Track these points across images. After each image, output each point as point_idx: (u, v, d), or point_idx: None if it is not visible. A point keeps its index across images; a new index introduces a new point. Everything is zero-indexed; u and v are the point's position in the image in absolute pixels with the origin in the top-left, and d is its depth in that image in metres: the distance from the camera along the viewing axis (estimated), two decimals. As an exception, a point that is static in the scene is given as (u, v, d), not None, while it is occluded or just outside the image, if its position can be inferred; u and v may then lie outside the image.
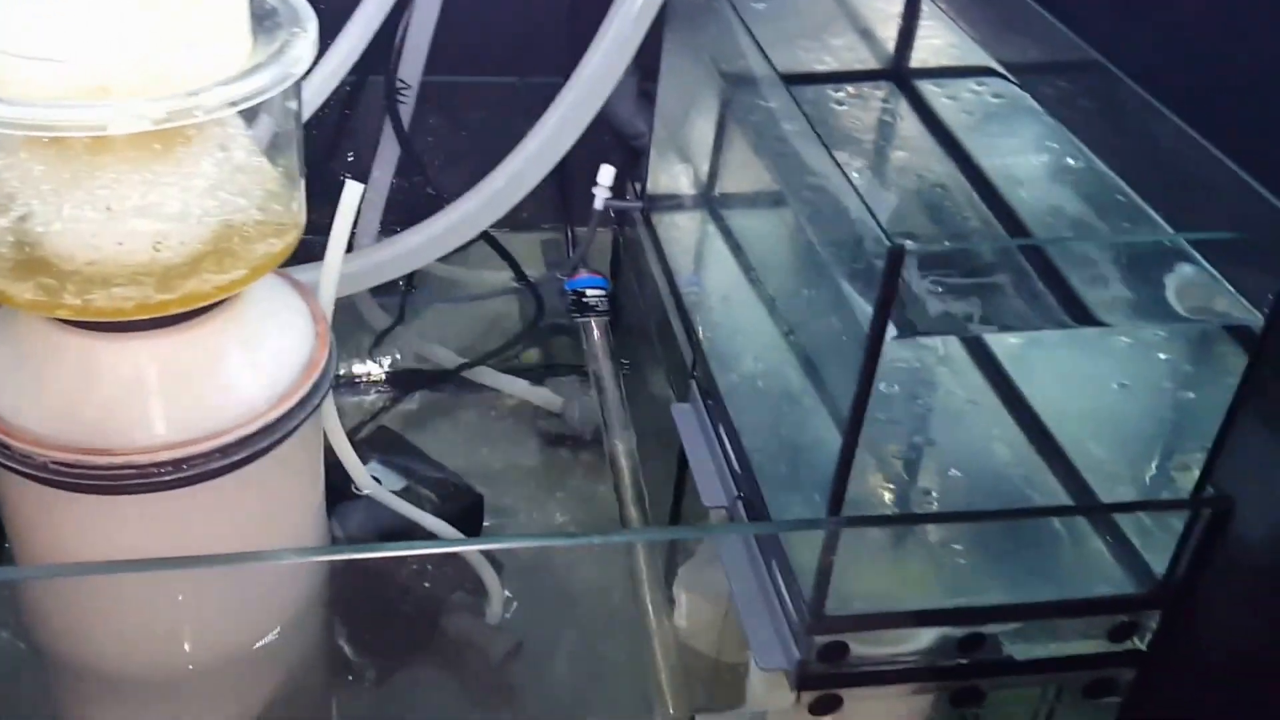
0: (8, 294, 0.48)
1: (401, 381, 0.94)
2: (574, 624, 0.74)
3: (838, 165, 0.46)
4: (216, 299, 0.51)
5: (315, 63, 0.61)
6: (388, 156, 0.84)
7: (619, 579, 0.76)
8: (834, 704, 0.57)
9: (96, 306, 0.48)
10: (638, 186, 0.87)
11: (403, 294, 0.94)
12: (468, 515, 0.81)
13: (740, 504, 0.63)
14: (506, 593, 0.75)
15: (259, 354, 0.55)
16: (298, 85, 0.50)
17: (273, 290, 0.58)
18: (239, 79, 0.46)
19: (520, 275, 0.94)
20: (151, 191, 0.48)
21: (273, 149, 0.52)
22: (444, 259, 0.82)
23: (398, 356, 0.95)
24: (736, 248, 0.67)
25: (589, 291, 0.90)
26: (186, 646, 0.59)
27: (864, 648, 0.56)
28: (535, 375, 0.98)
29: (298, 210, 0.54)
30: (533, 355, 1.00)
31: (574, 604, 0.74)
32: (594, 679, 0.72)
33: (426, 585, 0.75)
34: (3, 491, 0.56)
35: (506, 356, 0.97)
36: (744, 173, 0.66)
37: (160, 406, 0.52)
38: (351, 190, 0.61)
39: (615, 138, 0.89)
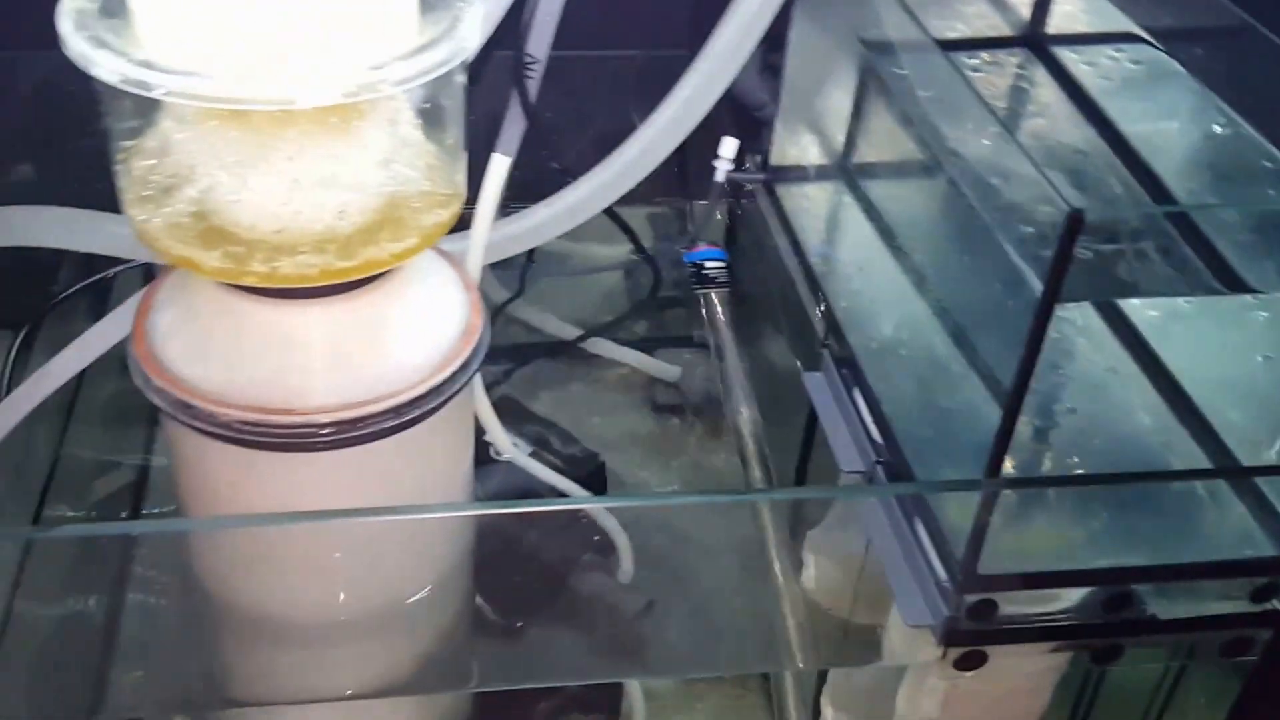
0: (195, 261, 0.51)
1: (520, 353, 0.96)
2: (702, 584, 0.75)
3: (1006, 129, 0.47)
4: (391, 266, 0.53)
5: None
6: (512, 132, 0.85)
7: (746, 542, 0.78)
8: (979, 660, 0.58)
9: (282, 273, 0.50)
10: (757, 158, 0.88)
11: (523, 267, 0.96)
12: (592, 480, 0.83)
13: (879, 468, 0.65)
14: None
15: (423, 320, 0.57)
16: (465, 60, 0.52)
17: (429, 260, 0.60)
18: (417, 53, 0.48)
19: (640, 248, 0.96)
20: (332, 163, 0.50)
21: (440, 123, 0.54)
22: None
23: (517, 328, 0.98)
24: (875, 217, 0.68)
25: (708, 264, 0.91)
26: (345, 598, 0.61)
27: (1012, 606, 0.57)
28: (648, 346, 1.00)
29: (460, 182, 0.56)
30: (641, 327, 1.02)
31: (701, 565, 0.76)
32: (723, 635, 0.73)
33: (558, 547, 0.77)
34: (177, 449, 0.58)
35: (621, 328, 0.99)
36: (885, 141, 0.67)
37: (337, 369, 0.54)
38: (499, 162, 0.63)
39: (733, 110, 0.90)
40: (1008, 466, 0.62)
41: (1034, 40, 0.72)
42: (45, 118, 0.94)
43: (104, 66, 0.46)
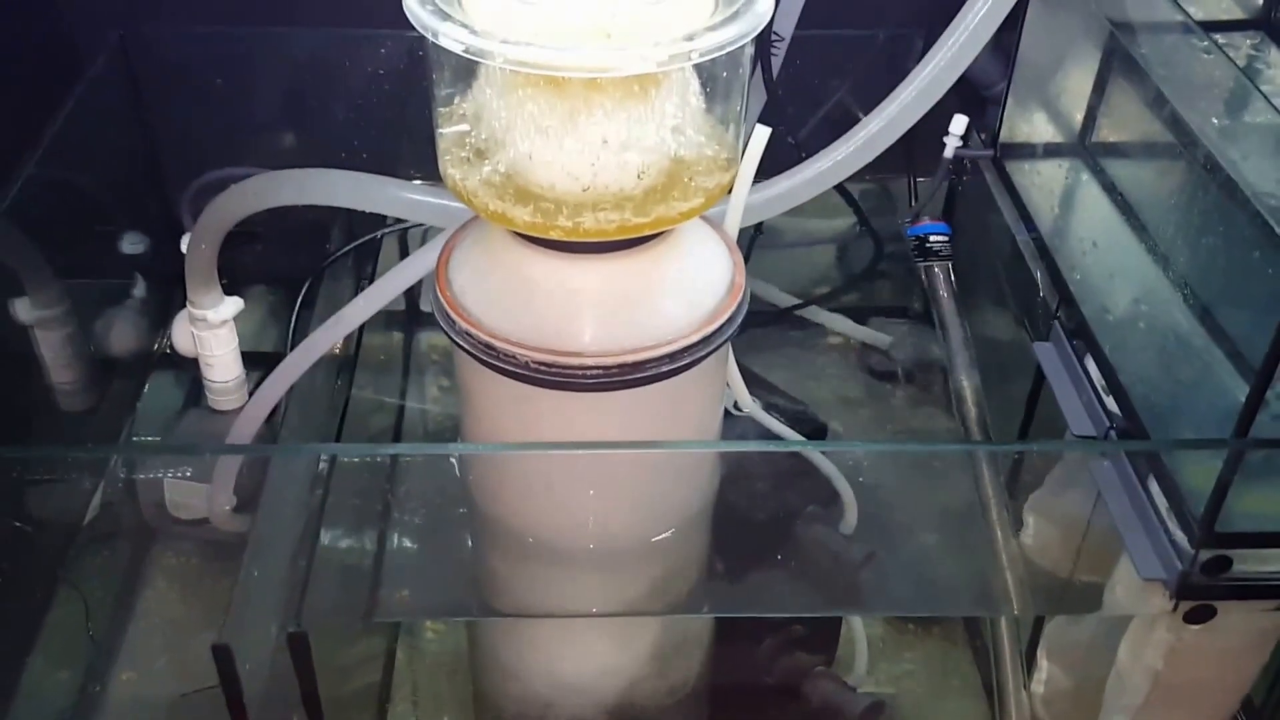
0: (509, 216, 0.57)
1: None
2: (921, 537, 0.79)
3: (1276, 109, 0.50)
4: (677, 224, 0.58)
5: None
6: (752, 106, 0.90)
7: (965, 501, 0.81)
8: (1208, 614, 0.61)
9: (585, 228, 0.56)
10: (983, 135, 0.92)
11: (752, 236, 1.00)
12: (815, 439, 0.88)
13: (1112, 433, 0.68)
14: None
15: (695, 276, 0.62)
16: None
17: (695, 223, 0.65)
18: (721, 26, 0.53)
19: (864, 222, 1.00)
20: (635, 128, 0.55)
21: (725, 92, 0.59)
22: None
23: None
24: (1114, 193, 0.71)
25: (932, 237, 0.95)
26: (601, 530, 0.67)
27: (1243, 564, 0.60)
28: (862, 316, 1.04)
29: (739, 147, 0.61)
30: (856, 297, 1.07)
31: (921, 520, 0.80)
32: (941, 583, 0.77)
33: (787, 498, 0.82)
34: (471, 386, 0.65)
35: (839, 298, 1.03)
36: (1130, 119, 0.70)
37: (622, 318, 0.59)
38: (760, 133, 0.67)
39: (960, 87, 0.93)
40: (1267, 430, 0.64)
41: (1270, 23, 0.74)
42: (304, 90, 1.03)
43: (448, 36, 0.52)
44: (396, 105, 1.00)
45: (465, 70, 0.58)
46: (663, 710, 0.75)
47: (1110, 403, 0.69)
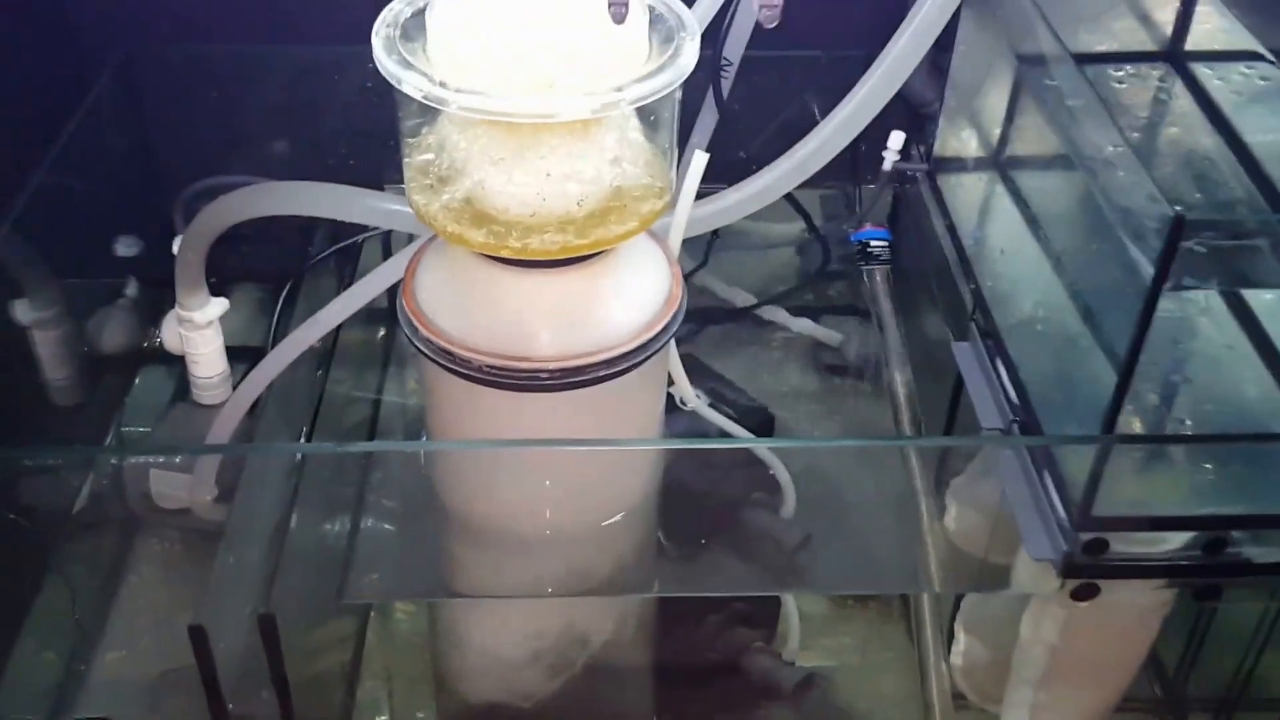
0: (465, 237, 0.64)
1: (701, 317, 1.08)
2: (854, 522, 0.86)
3: (1128, 141, 0.57)
4: (615, 245, 0.65)
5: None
6: (706, 124, 0.97)
7: (896, 488, 0.88)
8: (1092, 591, 0.69)
9: (532, 249, 0.63)
10: (921, 149, 0.99)
11: (708, 241, 1.07)
12: (763, 430, 0.95)
13: (1015, 426, 0.75)
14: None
15: (635, 288, 0.69)
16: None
17: (640, 239, 0.72)
18: (649, 77, 0.60)
19: (812, 228, 1.07)
20: (576, 161, 0.62)
21: (658, 128, 0.66)
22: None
23: (699, 295, 1.09)
24: (1021, 207, 0.78)
25: (873, 242, 1.02)
26: (555, 517, 0.74)
27: (1122, 546, 0.67)
28: (814, 314, 1.11)
29: (672, 176, 0.68)
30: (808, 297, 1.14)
31: (856, 506, 0.87)
32: (871, 563, 0.84)
33: (730, 485, 0.89)
34: (432, 387, 0.72)
35: (791, 297, 1.10)
36: (1034, 141, 0.77)
37: (568, 326, 0.66)
38: (699, 158, 0.74)
39: (901, 105, 0.99)
40: (1136, 425, 0.72)
41: (1174, 55, 0.80)
42: (294, 102, 1.09)
43: (410, 84, 0.59)
44: (382, 117, 1.06)
45: (428, 110, 0.65)
46: (610, 686, 0.82)
47: (1015, 398, 0.76)
